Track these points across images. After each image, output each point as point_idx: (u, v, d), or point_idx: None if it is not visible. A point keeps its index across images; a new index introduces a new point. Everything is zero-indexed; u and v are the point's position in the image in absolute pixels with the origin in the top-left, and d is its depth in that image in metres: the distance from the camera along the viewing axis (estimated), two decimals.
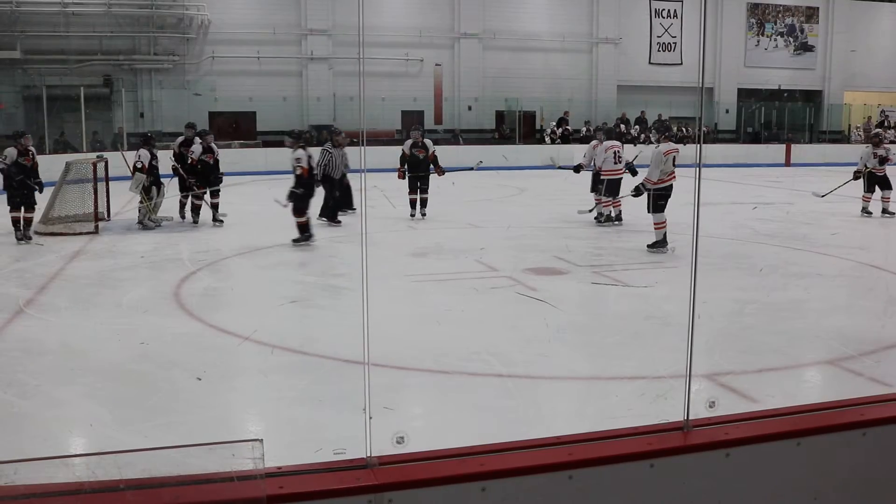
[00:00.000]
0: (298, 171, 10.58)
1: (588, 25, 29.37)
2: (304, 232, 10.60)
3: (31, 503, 1.80)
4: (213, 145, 12.78)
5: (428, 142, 13.30)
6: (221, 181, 12.80)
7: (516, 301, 7.59)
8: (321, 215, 12.29)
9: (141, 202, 12.06)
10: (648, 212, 9.88)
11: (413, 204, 13.11)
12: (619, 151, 12.32)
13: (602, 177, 12.31)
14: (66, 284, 8.37)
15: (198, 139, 12.87)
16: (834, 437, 2.43)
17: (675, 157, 9.98)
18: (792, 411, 2.52)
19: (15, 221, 10.98)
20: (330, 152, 12.87)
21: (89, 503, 1.82)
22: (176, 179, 12.79)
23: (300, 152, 10.75)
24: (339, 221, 12.55)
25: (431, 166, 13.06)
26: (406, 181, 13.09)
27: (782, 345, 6.24)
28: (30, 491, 1.80)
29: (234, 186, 12.46)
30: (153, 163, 12.03)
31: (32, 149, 11.41)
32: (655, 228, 9.85)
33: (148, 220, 12.02)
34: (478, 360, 5.70)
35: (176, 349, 6.07)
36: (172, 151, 13.12)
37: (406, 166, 13.01)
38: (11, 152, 10.98)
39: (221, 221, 12.45)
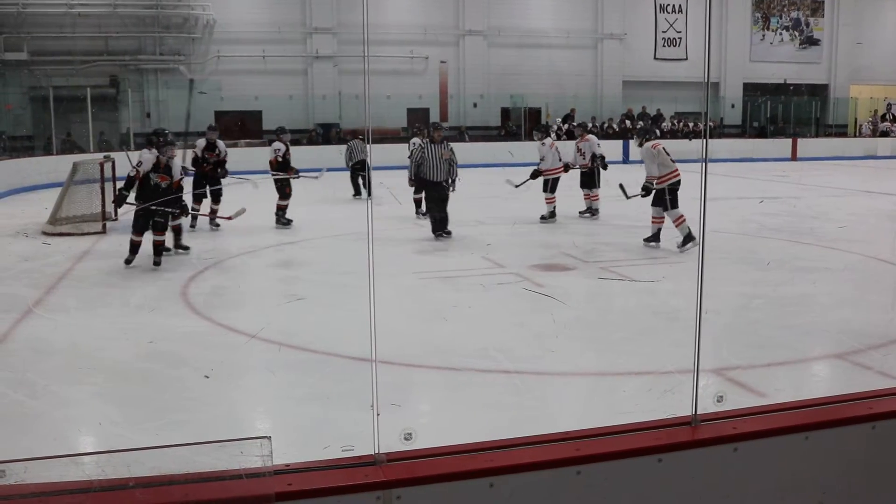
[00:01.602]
0: (132, 173, 9.23)
1: (593, 21, 29.33)
2: (133, 253, 9.10)
3: (41, 501, 1.80)
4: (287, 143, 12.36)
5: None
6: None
7: (523, 297, 7.59)
8: (433, 230, 10.80)
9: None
10: (665, 209, 9.71)
11: (419, 203, 13.11)
12: (559, 149, 12.77)
13: (545, 176, 12.47)
14: (75, 284, 8.39)
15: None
16: (842, 431, 2.43)
17: (664, 148, 9.90)
18: (800, 405, 2.52)
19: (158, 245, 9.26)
20: (424, 148, 11.04)
21: (99, 501, 1.83)
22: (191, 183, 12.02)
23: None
24: (449, 232, 10.83)
25: None
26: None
27: (790, 339, 6.22)
28: (40, 489, 1.81)
29: (240, 185, 12.41)
30: None
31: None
32: (677, 225, 9.66)
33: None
34: (485, 357, 5.69)
35: (184, 348, 6.08)
36: (193, 155, 12.13)
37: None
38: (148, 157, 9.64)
39: (290, 221, 12.10)
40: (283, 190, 12.06)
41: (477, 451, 2.20)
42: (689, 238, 9.56)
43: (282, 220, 12.11)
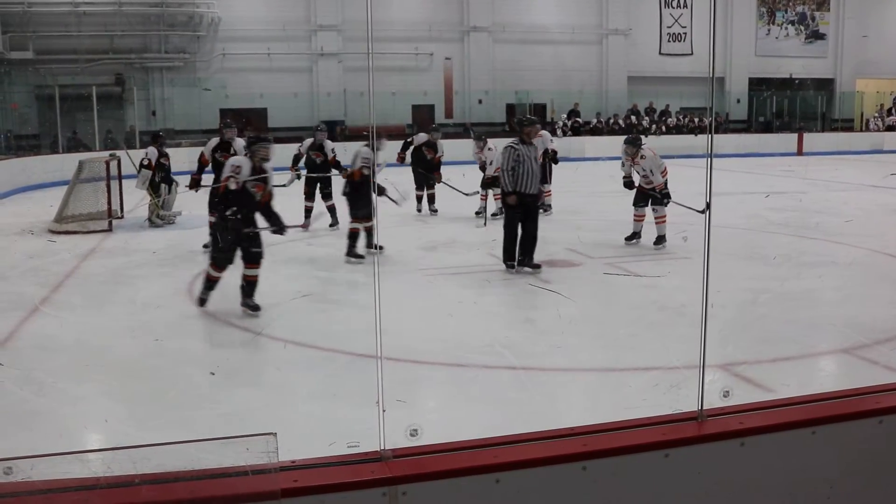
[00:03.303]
0: (233, 186, 6.82)
1: (598, 17, 29.26)
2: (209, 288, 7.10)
3: (47, 498, 1.81)
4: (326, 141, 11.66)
5: (440, 144, 13.21)
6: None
7: (529, 293, 7.58)
8: (521, 263, 8.31)
9: (151, 200, 12.08)
10: (662, 204, 9.67)
11: (419, 199, 13.11)
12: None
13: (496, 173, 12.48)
14: (81, 282, 8.41)
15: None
16: (850, 425, 2.42)
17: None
18: (807, 400, 2.51)
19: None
20: (516, 149, 8.27)
21: (105, 498, 1.83)
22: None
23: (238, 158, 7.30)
24: (539, 266, 8.34)
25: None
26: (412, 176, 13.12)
27: (796, 334, 6.21)
28: (46, 486, 1.82)
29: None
30: (161, 160, 12.00)
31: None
32: (659, 223, 9.68)
33: (155, 218, 12.01)
34: (491, 353, 5.69)
35: (190, 345, 6.09)
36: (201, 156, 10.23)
37: (411, 159, 13.03)
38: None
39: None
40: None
41: (483, 446, 2.20)
42: (663, 239, 9.62)
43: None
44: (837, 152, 26.61)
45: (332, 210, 11.60)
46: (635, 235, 9.96)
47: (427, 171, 12.98)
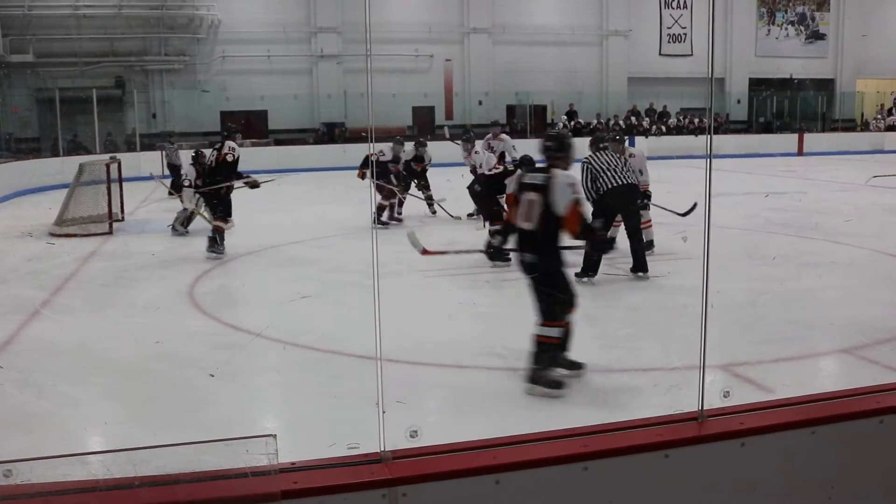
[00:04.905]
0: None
1: (598, 18, 29.27)
2: None
3: (47, 501, 1.81)
4: (401, 155, 12.32)
5: (427, 153, 13.19)
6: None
7: (529, 294, 7.56)
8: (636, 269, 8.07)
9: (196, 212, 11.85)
10: (645, 207, 9.48)
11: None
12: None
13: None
14: (82, 285, 8.41)
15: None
16: (850, 425, 2.42)
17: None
18: (807, 400, 2.51)
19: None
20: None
21: (105, 500, 1.83)
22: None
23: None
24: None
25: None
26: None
27: (796, 334, 6.20)
28: (46, 489, 1.82)
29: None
30: (196, 181, 11.82)
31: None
32: (645, 228, 9.57)
33: (180, 226, 11.80)
34: (491, 354, 5.69)
35: (190, 347, 6.09)
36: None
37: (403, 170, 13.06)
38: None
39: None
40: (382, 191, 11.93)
41: (483, 448, 2.20)
42: (652, 244, 9.49)
43: (379, 219, 11.92)
44: (838, 152, 26.62)
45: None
46: (612, 241, 9.81)
47: (416, 179, 13.13)
